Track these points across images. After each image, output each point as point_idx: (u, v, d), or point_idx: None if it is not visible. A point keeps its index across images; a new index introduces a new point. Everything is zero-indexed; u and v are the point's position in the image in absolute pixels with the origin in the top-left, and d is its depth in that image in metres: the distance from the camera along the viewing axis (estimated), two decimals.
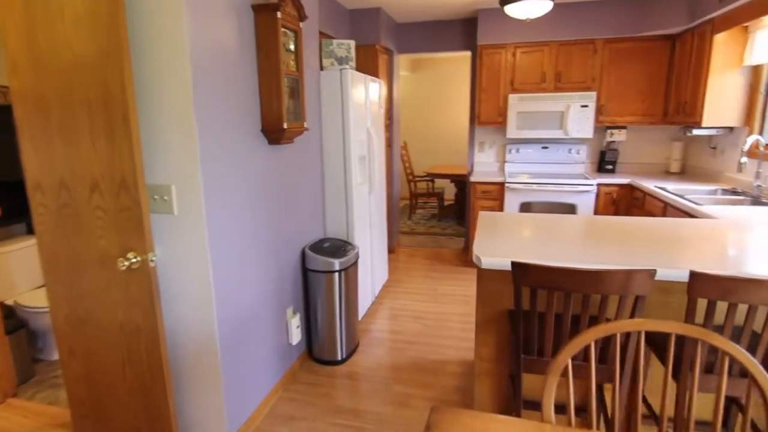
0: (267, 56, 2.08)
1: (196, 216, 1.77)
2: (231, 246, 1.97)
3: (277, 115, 2.14)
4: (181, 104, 1.68)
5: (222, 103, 1.86)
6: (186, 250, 1.81)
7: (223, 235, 1.91)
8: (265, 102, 2.14)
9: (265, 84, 2.11)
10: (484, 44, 4.37)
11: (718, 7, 3.17)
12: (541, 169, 4.69)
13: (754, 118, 3.31)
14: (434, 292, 3.95)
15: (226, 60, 1.86)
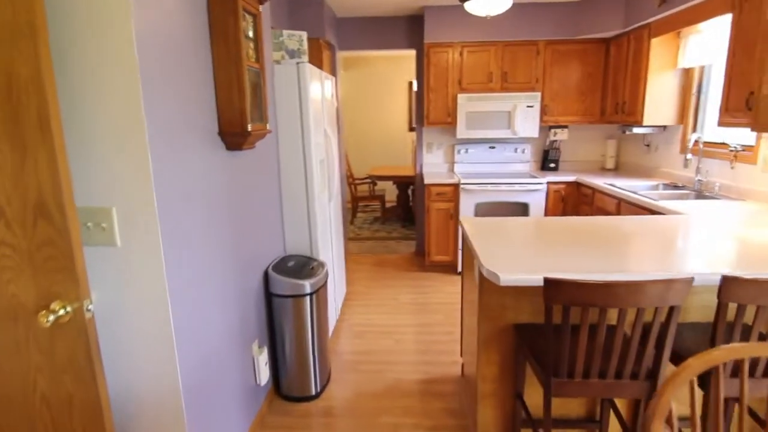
0: (225, 44, 1.73)
1: (148, 246, 1.38)
2: (192, 279, 1.59)
3: (240, 116, 1.79)
4: (125, 100, 1.29)
5: (175, 101, 1.49)
6: (135, 292, 1.41)
7: (183, 267, 1.53)
8: (224, 100, 1.77)
9: (223, 78, 1.75)
10: (431, 42, 4.24)
11: (655, 13, 3.30)
12: (489, 169, 4.67)
13: (688, 117, 3.51)
14: (396, 302, 3.74)
15: (176, 47, 1.49)
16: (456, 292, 3.93)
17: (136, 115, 1.30)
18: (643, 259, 1.72)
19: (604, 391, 1.55)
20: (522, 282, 1.59)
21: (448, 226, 4.29)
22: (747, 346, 1.04)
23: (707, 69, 3.38)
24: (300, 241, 2.76)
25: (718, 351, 1.00)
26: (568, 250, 1.84)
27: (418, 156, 4.85)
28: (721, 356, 1.00)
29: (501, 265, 1.67)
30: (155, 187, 1.35)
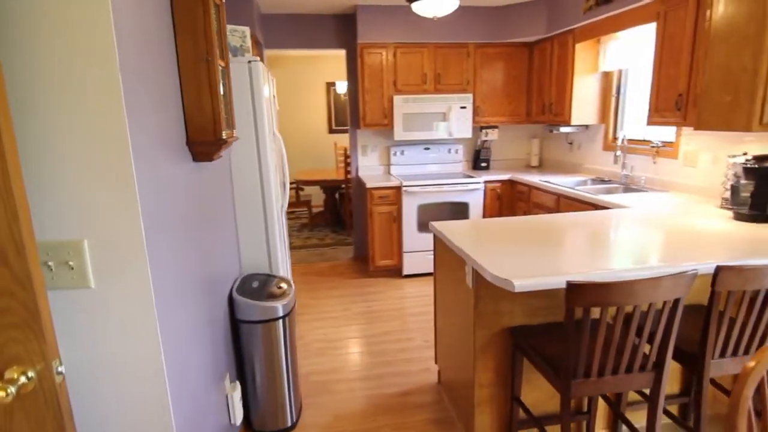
0: (192, 38, 1.47)
1: (135, 285, 1.11)
2: (179, 319, 1.33)
3: (212, 122, 1.53)
4: (104, 105, 1.01)
5: (152, 108, 1.22)
6: (118, 344, 1.13)
7: (171, 307, 1.26)
8: (192, 104, 1.51)
9: (192, 78, 1.49)
10: (364, 43, 4.14)
11: (580, 20, 3.56)
12: (425, 170, 4.71)
13: (609, 117, 3.84)
14: (349, 312, 3.59)
15: (143, 43, 1.22)
16: (404, 296, 3.89)
17: (118, 124, 1.02)
18: (640, 253, 1.79)
19: (617, 386, 1.58)
20: (538, 287, 1.57)
21: (391, 230, 4.23)
22: None
23: (624, 72, 3.71)
24: (257, 258, 2.50)
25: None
26: (561, 249, 1.86)
27: (352, 159, 4.72)
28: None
29: (507, 270, 1.63)
30: (142, 210, 1.08)
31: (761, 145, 2.47)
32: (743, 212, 2.25)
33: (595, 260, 1.72)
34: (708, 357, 1.61)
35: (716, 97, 2.09)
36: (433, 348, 2.98)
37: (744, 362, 1.65)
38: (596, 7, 3.33)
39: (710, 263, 1.63)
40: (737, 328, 1.59)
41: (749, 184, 2.23)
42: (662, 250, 1.83)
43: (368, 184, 4.10)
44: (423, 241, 4.23)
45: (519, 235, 2.10)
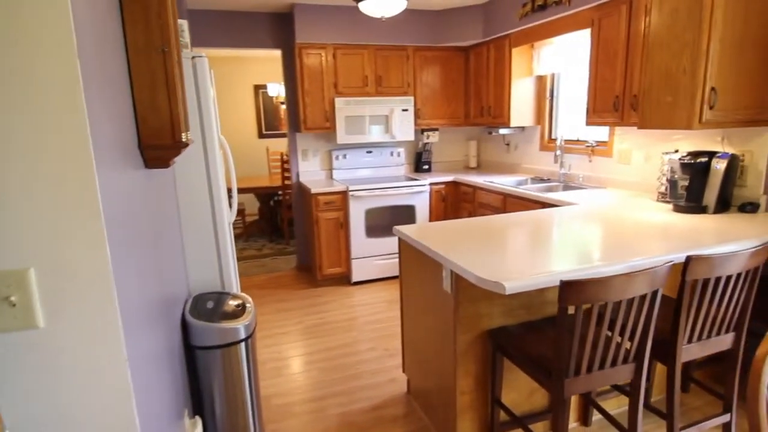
0: (145, 25, 1.26)
1: (98, 319, 0.90)
2: (145, 355, 1.12)
3: (169, 123, 1.33)
4: (59, 100, 0.81)
5: (107, 105, 1.01)
6: (77, 395, 0.91)
7: (138, 343, 1.06)
8: (145, 102, 1.30)
9: (145, 72, 1.28)
10: (303, 43, 3.98)
11: (516, 25, 3.69)
12: (368, 173, 4.63)
13: (544, 119, 4.03)
14: (301, 326, 3.40)
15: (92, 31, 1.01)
16: (356, 304, 3.77)
17: (78, 123, 0.82)
18: (612, 248, 1.83)
19: (605, 381, 1.61)
20: (529, 287, 1.54)
21: (338, 236, 4.09)
22: None
23: (557, 76, 3.91)
24: (207, 275, 2.25)
25: None
26: (535, 247, 1.86)
27: (292, 164, 4.52)
28: None
29: (491, 272, 1.59)
30: (107, 228, 0.88)
31: (689, 142, 2.69)
32: (681, 204, 2.43)
33: (574, 257, 1.74)
34: (680, 343, 1.69)
35: (658, 98, 2.24)
36: (396, 356, 2.90)
37: (706, 345, 1.76)
38: (532, 14, 3.47)
39: (680, 254, 1.72)
40: (703, 314, 1.69)
41: (685, 178, 2.41)
42: (629, 244, 1.90)
43: (313, 190, 3.94)
44: (371, 246, 4.15)
45: (487, 235, 2.08)
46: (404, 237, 2.20)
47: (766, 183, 2.33)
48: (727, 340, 1.78)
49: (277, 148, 6.75)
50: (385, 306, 3.69)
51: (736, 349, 1.80)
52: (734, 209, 2.40)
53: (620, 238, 1.97)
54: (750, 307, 1.75)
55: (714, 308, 1.69)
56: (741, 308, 1.75)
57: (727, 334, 1.77)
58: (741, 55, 2.08)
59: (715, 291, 1.65)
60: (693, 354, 1.73)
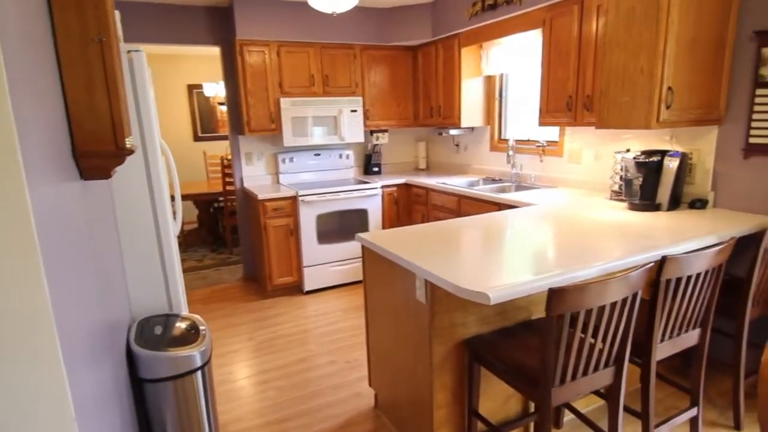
0: (77, 9, 1.04)
1: (35, 363, 0.71)
2: (92, 401, 0.91)
3: (110, 126, 1.12)
4: None
5: (33, 105, 0.81)
6: None
7: (86, 389, 0.86)
8: (80, 102, 1.08)
9: (78, 67, 1.06)
10: (244, 40, 3.72)
11: (465, 25, 3.68)
12: (316, 177, 4.44)
13: (494, 119, 4.06)
14: (254, 342, 3.16)
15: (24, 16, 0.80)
16: (310, 315, 3.59)
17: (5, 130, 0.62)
18: (588, 251, 1.81)
19: (588, 387, 1.58)
20: (514, 296, 1.48)
21: (288, 244, 3.88)
22: None
23: (506, 77, 3.96)
24: (152, 295, 2.00)
25: None
26: (511, 252, 1.80)
27: (235, 169, 4.23)
28: None
29: (470, 280, 1.52)
30: (44, 267, 0.68)
31: (638, 141, 2.79)
32: (636, 202, 2.51)
33: (550, 261, 1.71)
34: (655, 342, 1.71)
35: (616, 98, 2.28)
36: (358, 369, 2.76)
37: (677, 342, 1.79)
38: (482, 13, 3.47)
39: (654, 253, 1.74)
40: (675, 312, 1.72)
41: (639, 176, 2.49)
42: (600, 245, 1.90)
43: (260, 196, 3.70)
44: (324, 253, 3.98)
45: (455, 240, 2.01)
46: (370, 245, 2.07)
47: (713, 180, 2.46)
48: (694, 336, 1.83)
49: (215, 152, 6.35)
50: (341, 315, 3.54)
51: (702, 344, 1.86)
52: (684, 206, 2.51)
53: (589, 239, 1.98)
54: (714, 302, 1.81)
55: (684, 306, 1.72)
56: (707, 304, 1.80)
57: (694, 331, 1.82)
58: (693, 56, 2.17)
59: (687, 289, 1.68)
60: (666, 352, 1.76)
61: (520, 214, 2.50)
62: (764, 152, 2.25)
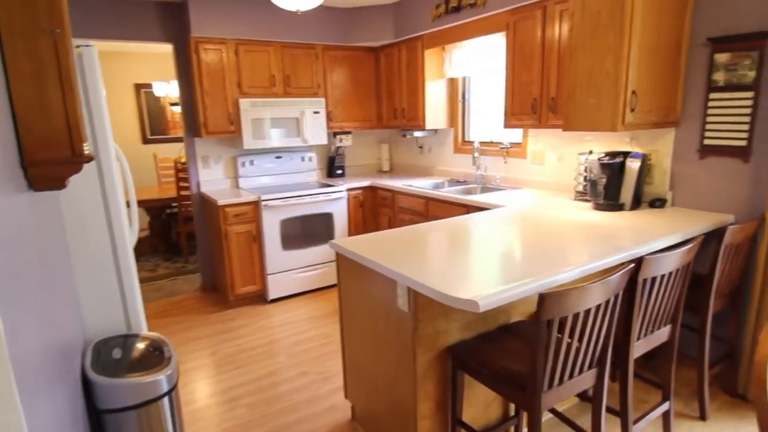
0: (26, 1, 0.91)
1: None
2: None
3: (65, 129, 0.99)
4: None
5: None
6: None
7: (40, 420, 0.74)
8: (29, 102, 0.94)
9: (26, 61, 0.93)
10: (199, 37, 3.53)
11: (429, 27, 3.67)
12: (278, 180, 4.30)
13: (457, 121, 4.08)
14: (218, 356, 2.99)
15: None
16: (276, 324, 3.45)
17: None
18: (566, 251, 1.82)
19: (573, 390, 1.58)
20: (502, 302, 1.45)
21: (251, 251, 3.72)
22: None
23: (468, 79, 3.98)
24: (108, 315, 1.83)
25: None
26: (492, 257, 1.79)
27: (191, 173, 4.01)
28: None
29: (458, 288, 1.48)
30: None
31: (599, 143, 2.87)
32: (601, 202, 2.57)
33: (532, 265, 1.70)
34: (632, 341, 1.74)
35: (582, 101, 2.32)
36: (332, 380, 2.67)
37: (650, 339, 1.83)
38: (445, 15, 3.47)
39: (629, 252, 1.77)
40: (649, 310, 1.75)
41: (603, 177, 2.55)
42: (576, 246, 1.91)
43: (220, 202, 3.52)
44: (289, 259, 3.84)
45: (432, 245, 1.98)
46: (345, 252, 2.00)
47: (671, 180, 2.56)
48: (666, 332, 1.88)
49: (166, 155, 6.03)
50: (309, 323, 3.43)
51: (672, 340, 1.91)
52: (645, 205, 2.60)
53: (564, 240, 1.99)
54: (683, 299, 1.87)
55: (658, 303, 1.77)
56: (677, 301, 1.86)
57: (665, 327, 1.87)
58: (654, 60, 2.24)
59: (661, 287, 1.72)
60: (641, 350, 1.80)
61: (491, 216, 2.50)
62: (718, 153, 2.37)
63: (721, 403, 2.30)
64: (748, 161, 2.26)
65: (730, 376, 2.36)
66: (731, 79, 2.26)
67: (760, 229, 2.16)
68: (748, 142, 2.24)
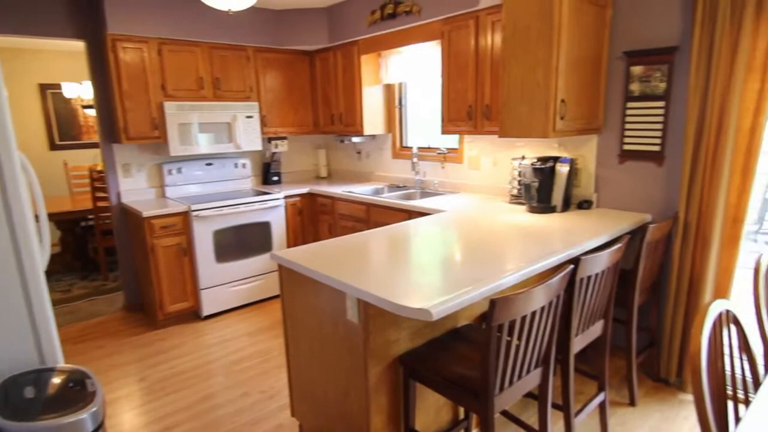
0: None
1: None
2: None
3: None
4: None
5: None
6: None
7: None
8: None
9: None
10: (116, 35, 3.26)
11: (364, 32, 3.66)
12: (209, 189, 4.07)
13: (395, 127, 4.11)
14: (148, 382, 2.75)
15: None
16: (213, 343, 3.25)
17: None
18: (508, 253, 1.86)
19: (522, 390, 1.61)
20: (455, 309, 1.44)
21: (182, 265, 3.48)
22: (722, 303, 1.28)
23: (405, 85, 4.01)
24: (17, 345, 1.60)
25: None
26: (440, 262, 1.79)
27: (110, 182, 3.68)
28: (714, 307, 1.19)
29: (409, 297, 1.46)
30: None
31: (530, 148, 3.01)
32: (534, 205, 2.69)
33: (478, 269, 1.72)
34: (572, 337, 1.82)
35: (516, 109, 2.42)
36: (277, 398, 2.55)
37: (586, 335, 1.93)
38: (381, 21, 3.48)
39: (566, 253, 1.84)
40: (585, 307, 1.85)
41: (536, 181, 2.67)
42: (517, 248, 1.98)
43: (145, 213, 3.25)
44: (224, 272, 3.64)
45: (378, 253, 1.95)
46: (289, 264, 1.91)
47: (595, 183, 2.73)
48: (599, 327, 1.99)
49: (79, 162, 5.51)
50: (248, 339, 3.27)
51: (605, 334, 2.03)
52: (574, 207, 2.76)
53: (505, 243, 2.05)
54: (613, 294, 1.99)
55: (593, 300, 1.86)
56: (608, 297, 1.97)
57: (599, 322, 1.98)
58: (578, 72, 2.38)
59: (595, 285, 1.82)
60: (580, 345, 1.88)
61: (433, 221, 2.53)
62: (635, 157, 2.57)
63: (648, 388, 2.49)
64: (662, 165, 2.46)
65: (653, 363, 2.56)
66: (645, 89, 2.46)
67: (674, 227, 2.36)
68: (662, 148, 2.45)
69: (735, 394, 1.35)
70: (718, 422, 1.21)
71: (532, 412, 2.31)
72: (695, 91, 2.17)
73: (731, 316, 1.29)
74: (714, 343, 1.22)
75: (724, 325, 1.25)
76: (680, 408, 2.32)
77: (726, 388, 1.30)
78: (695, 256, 2.30)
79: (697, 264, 2.30)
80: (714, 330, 1.20)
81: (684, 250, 2.33)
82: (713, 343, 1.21)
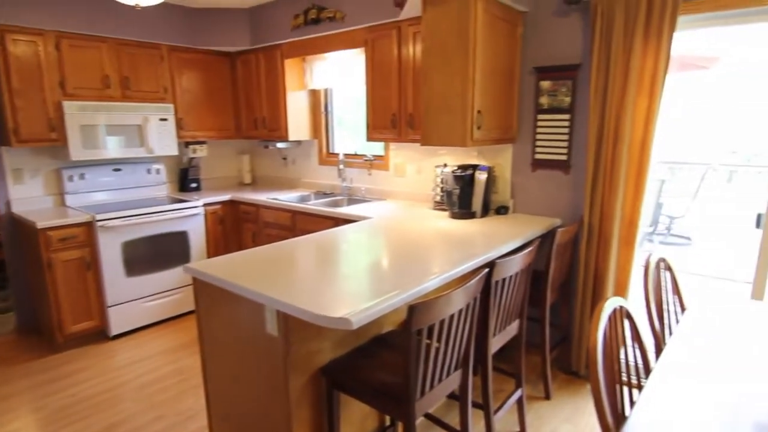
0: None
1: None
2: None
3: None
4: None
5: None
6: None
7: None
8: None
9: None
10: (6, 25, 2.92)
11: (288, 36, 3.60)
12: (117, 196, 3.76)
13: (321, 133, 4.06)
14: (46, 411, 2.46)
15: None
16: (123, 364, 2.99)
17: None
18: (430, 259, 1.89)
19: (442, 393, 1.65)
20: (375, 316, 1.44)
21: (85, 281, 3.17)
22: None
23: (330, 91, 3.99)
24: None
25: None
26: (358, 271, 1.79)
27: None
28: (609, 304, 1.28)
29: (329, 307, 1.44)
30: None
31: (451, 157, 3.11)
32: (456, 211, 2.78)
33: (399, 275, 1.73)
34: (490, 338, 1.89)
35: (437, 118, 2.48)
36: (195, 419, 2.39)
37: (503, 335, 2.02)
38: (305, 26, 3.43)
39: (483, 257, 1.92)
40: (502, 308, 1.93)
41: (457, 188, 2.76)
42: (439, 253, 2.02)
43: (39, 224, 2.93)
44: (135, 287, 3.38)
45: (298, 263, 1.91)
46: (203, 277, 1.81)
47: (511, 189, 2.88)
48: (515, 327, 2.09)
49: None
50: (162, 358, 3.04)
51: (521, 333, 2.14)
52: (492, 212, 2.88)
53: (427, 249, 2.09)
54: (527, 295, 2.10)
55: (508, 301, 1.95)
56: (523, 297, 2.08)
57: (515, 322, 2.08)
58: (493, 84, 2.50)
59: (510, 286, 1.91)
60: (497, 345, 1.96)
61: (359, 228, 2.52)
62: (545, 166, 2.74)
63: (561, 381, 2.65)
64: (568, 173, 2.65)
65: (564, 357, 2.73)
66: (553, 102, 2.64)
67: (580, 230, 2.55)
68: (568, 157, 2.64)
69: (629, 380, 1.48)
70: (613, 407, 1.31)
71: (454, 413, 2.36)
72: (595, 105, 2.36)
73: (624, 311, 1.41)
74: (609, 337, 1.32)
75: (618, 320, 1.36)
76: (590, 398, 2.49)
77: (621, 377, 1.42)
78: (598, 256, 2.50)
79: (600, 264, 2.50)
80: (609, 325, 1.30)
81: (589, 251, 2.52)
82: (609, 337, 1.32)
